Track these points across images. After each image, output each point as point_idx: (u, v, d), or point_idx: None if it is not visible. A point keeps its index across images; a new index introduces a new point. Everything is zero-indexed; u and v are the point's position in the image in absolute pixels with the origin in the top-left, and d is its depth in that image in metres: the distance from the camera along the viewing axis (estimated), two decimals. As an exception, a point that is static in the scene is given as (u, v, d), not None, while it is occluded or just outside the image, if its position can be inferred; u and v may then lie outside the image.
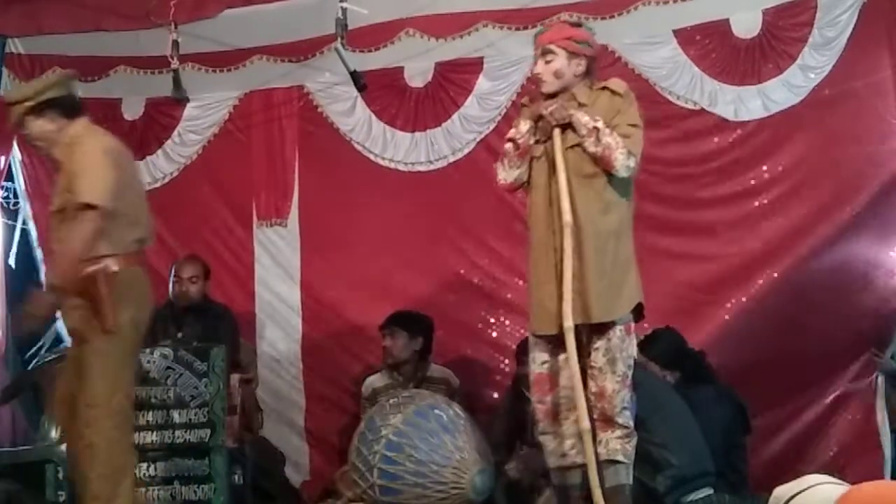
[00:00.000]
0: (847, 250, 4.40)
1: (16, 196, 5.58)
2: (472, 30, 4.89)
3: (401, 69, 5.02)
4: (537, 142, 3.14)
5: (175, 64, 4.72)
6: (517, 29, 4.83)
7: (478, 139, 4.93)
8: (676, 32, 4.69)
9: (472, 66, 4.94)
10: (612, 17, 4.73)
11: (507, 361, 4.59)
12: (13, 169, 5.50)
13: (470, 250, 4.95)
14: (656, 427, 3.48)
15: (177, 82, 4.78)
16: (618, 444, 3.03)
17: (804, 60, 4.49)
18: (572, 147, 3.06)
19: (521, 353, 4.22)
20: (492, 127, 4.90)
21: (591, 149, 3.01)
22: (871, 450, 4.26)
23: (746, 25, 4.59)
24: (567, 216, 2.98)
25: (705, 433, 3.66)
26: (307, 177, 5.21)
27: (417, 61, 5.00)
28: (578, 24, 3.32)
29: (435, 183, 4.99)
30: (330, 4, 4.60)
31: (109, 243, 3.14)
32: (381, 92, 5.01)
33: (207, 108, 5.33)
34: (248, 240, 5.22)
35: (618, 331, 3.05)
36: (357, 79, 4.56)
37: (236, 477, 4.11)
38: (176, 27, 4.73)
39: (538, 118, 3.13)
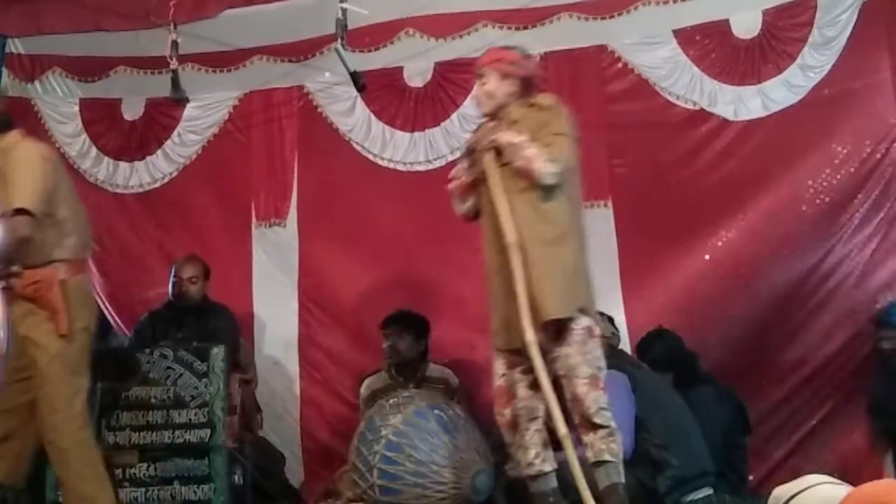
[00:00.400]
0: (847, 250, 4.40)
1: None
2: (472, 30, 4.89)
3: (400, 69, 5.02)
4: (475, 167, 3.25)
5: (174, 64, 4.71)
6: (517, 29, 4.84)
7: (477, 139, 4.93)
8: (676, 32, 4.69)
9: (472, 66, 4.89)
10: (612, 17, 4.74)
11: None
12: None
13: (469, 250, 4.94)
14: (656, 427, 3.49)
15: (175, 83, 4.78)
16: (602, 445, 3.06)
17: (804, 60, 4.50)
18: (505, 165, 3.15)
19: (521, 352, 4.23)
20: (490, 127, 4.90)
21: (516, 164, 3.10)
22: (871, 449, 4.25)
23: (746, 25, 4.60)
24: (510, 237, 3.06)
25: (705, 433, 3.66)
26: (306, 177, 5.21)
27: (417, 61, 5.00)
28: (511, 48, 3.44)
29: (434, 183, 4.98)
30: (330, 4, 4.60)
31: (61, 249, 3.16)
32: (381, 92, 5.01)
33: (207, 108, 5.33)
34: (246, 240, 5.21)
35: (576, 335, 3.09)
36: (357, 79, 4.56)
37: (236, 477, 4.11)
38: (175, 27, 4.73)
39: (471, 150, 3.26)
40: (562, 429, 2.97)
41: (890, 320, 4.19)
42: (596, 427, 3.05)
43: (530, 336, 2.99)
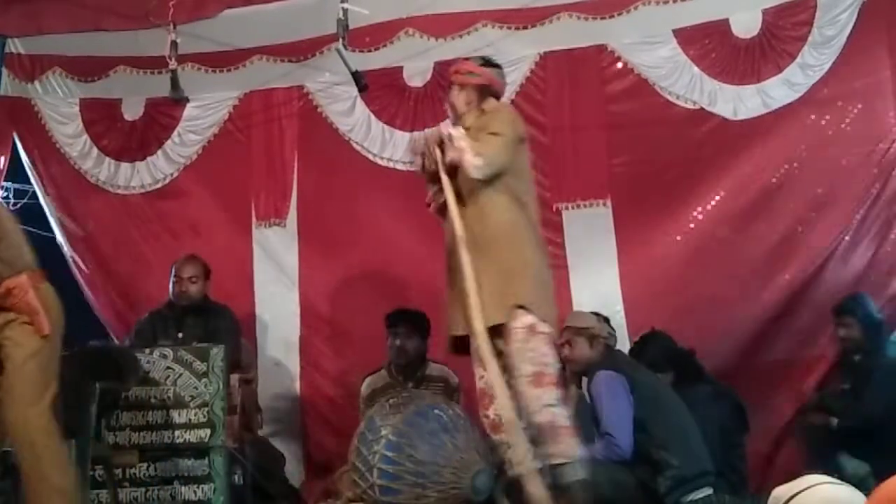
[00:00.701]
0: (848, 250, 4.40)
1: (15, 196, 5.58)
2: (472, 30, 4.90)
3: (400, 69, 5.02)
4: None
5: (173, 65, 4.71)
6: (517, 29, 4.85)
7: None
8: (676, 32, 4.70)
9: (471, 66, 4.93)
10: (612, 16, 4.74)
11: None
12: (25, 167, 5.50)
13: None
14: (655, 428, 3.49)
15: (175, 83, 4.78)
16: (552, 448, 3.09)
17: (804, 59, 4.51)
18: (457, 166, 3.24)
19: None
20: (490, 126, 4.90)
21: (449, 156, 3.19)
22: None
23: (746, 25, 4.61)
24: (458, 231, 3.16)
25: (704, 433, 3.66)
26: (306, 177, 5.21)
27: (417, 61, 5.01)
28: (473, 58, 3.59)
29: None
30: (329, 4, 4.60)
31: (21, 259, 3.17)
32: (381, 92, 5.01)
33: (207, 108, 5.33)
34: (246, 240, 5.21)
35: (517, 333, 3.11)
36: (358, 79, 4.56)
37: (236, 477, 4.11)
38: (175, 27, 4.73)
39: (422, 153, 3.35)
40: (507, 414, 3.02)
41: (845, 309, 4.20)
42: (540, 427, 3.08)
43: (479, 326, 3.06)
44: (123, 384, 4.00)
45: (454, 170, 3.23)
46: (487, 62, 3.51)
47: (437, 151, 3.24)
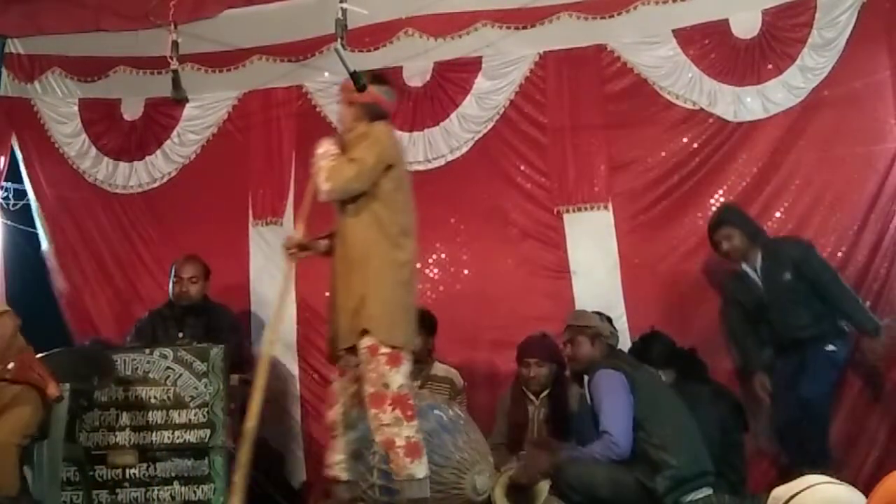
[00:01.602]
0: (847, 250, 4.40)
1: (16, 196, 5.58)
2: (471, 29, 4.89)
3: (399, 69, 5.02)
4: None
5: (174, 65, 4.71)
6: (516, 28, 4.84)
7: (476, 138, 4.93)
8: (676, 32, 4.70)
9: (471, 66, 4.94)
10: (612, 16, 4.74)
11: (505, 361, 4.58)
12: (19, 168, 5.50)
13: (467, 250, 4.95)
14: (655, 427, 3.49)
15: (176, 83, 4.78)
16: (385, 465, 3.24)
17: (804, 61, 4.50)
18: None
19: (522, 353, 4.24)
20: (490, 126, 4.90)
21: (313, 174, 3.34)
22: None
23: (746, 26, 4.60)
24: (296, 236, 3.42)
25: (703, 433, 3.66)
26: (304, 176, 5.19)
27: (416, 61, 5.00)
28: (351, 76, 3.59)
29: (433, 182, 4.99)
30: (328, 4, 4.60)
31: None
32: (380, 92, 5.00)
33: (207, 108, 5.32)
34: (244, 239, 5.21)
35: (361, 355, 3.22)
36: (357, 79, 4.55)
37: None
38: (175, 27, 4.73)
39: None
40: (249, 421, 3.16)
41: (721, 220, 4.23)
42: (378, 445, 3.23)
43: (269, 352, 3.35)
44: (98, 384, 4.01)
45: None
46: (378, 79, 3.53)
47: (313, 170, 3.36)
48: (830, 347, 3.99)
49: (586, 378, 3.76)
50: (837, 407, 4.29)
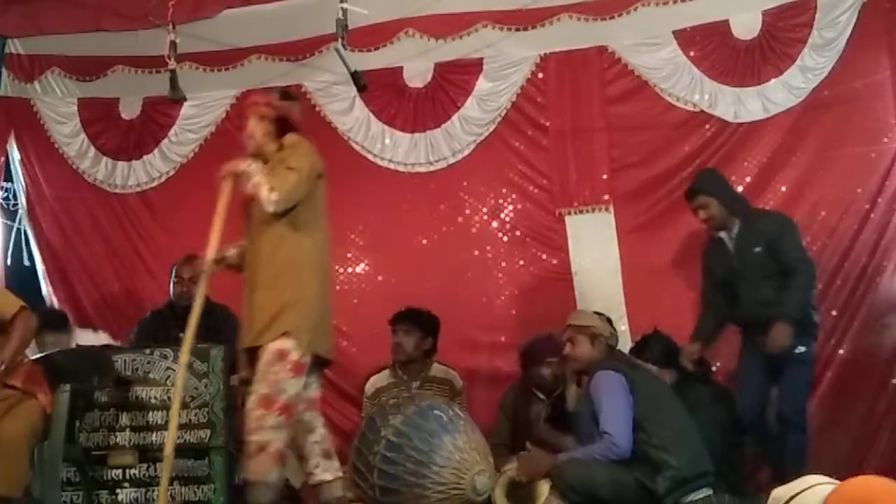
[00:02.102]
0: (847, 250, 4.40)
1: (15, 196, 5.58)
2: (472, 30, 4.90)
3: (400, 69, 5.02)
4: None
5: (172, 65, 4.71)
6: (517, 30, 4.85)
7: (478, 141, 4.93)
8: (676, 33, 4.71)
9: (472, 67, 4.94)
10: (612, 17, 4.75)
11: (506, 362, 4.59)
12: (12, 169, 5.51)
13: (468, 251, 4.95)
14: (655, 428, 3.48)
15: (174, 83, 4.78)
16: (246, 461, 3.25)
17: (804, 61, 4.51)
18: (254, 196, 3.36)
19: (539, 353, 4.23)
20: (492, 129, 4.91)
21: (248, 191, 3.33)
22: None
23: (746, 26, 4.61)
24: (210, 255, 3.41)
25: (704, 433, 3.66)
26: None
27: (417, 61, 5.00)
28: (268, 91, 3.72)
29: (435, 184, 5.00)
30: (327, 4, 4.59)
31: None
32: (380, 92, 5.01)
33: (205, 107, 5.33)
34: (243, 239, 5.19)
35: (266, 356, 3.27)
36: (357, 79, 4.56)
37: (236, 477, 4.10)
38: (174, 27, 4.73)
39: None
40: (167, 448, 3.24)
41: (696, 189, 4.11)
42: (248, 442, 3.24)
43: (184, 359, 3.37)
44: (96, 385, 4.01)
45: (252, 198, 3.35)
46: (286, 95, 3.62)
47: (226, 183, 3.37)
48: (800, 349, 3.86)
49: (586, 379, 3.76)
50: (837, 408, 4.32)
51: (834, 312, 4.38)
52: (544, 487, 3.68)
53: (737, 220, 4.06)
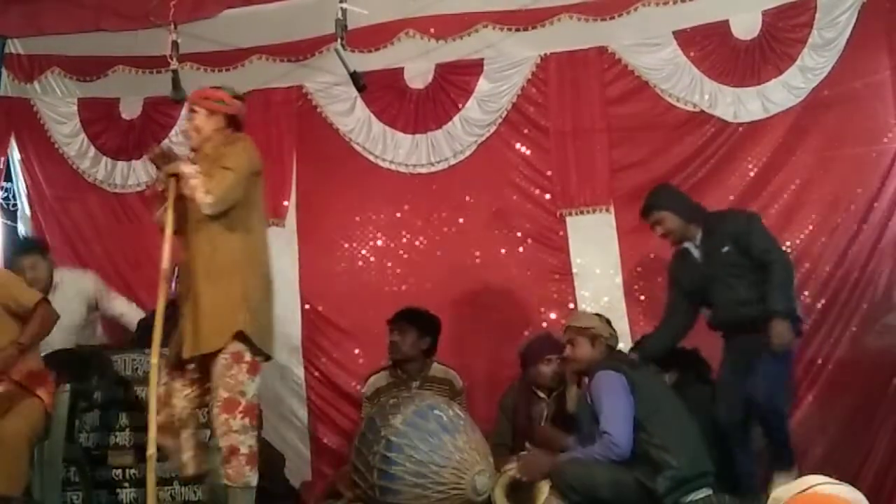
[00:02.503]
0: (846, 250, 4.40)
1: (15, 196, 5.58)
2: (473, 31, 4.90)
3: (401, 70, 5.02)
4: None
5: (174, 65, 4.71)
6: (517, 30, 4.85)
7: (479, 141, 4.94)
8: (676, 34, 4.70)
9: (473, 68, 4.94)
10: (612, 18, 4.74)
11: (506, 362, 4.59)
12: (12, 169, 5.51)
13: (470, 252, 4.95)
14: (655, 428, 3.49)
15: (176, 83, 4.77)
16: (221, 468, 3.28)
17: (804, 62, 4.50)
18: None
19: (540, 351, 4.24)
20: (493, 130, 4.91)
21: (185, 193, 3.32)
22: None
23: (746, 27, 4.61)
24: (164, 263, 3.33)
25: (704, 433, 3.66)
26: (305, 176, 5.21)
27: (417, 62, 5.00)
28: (219, 87, 3.64)
29: (437, 185, 5.00)
30: (329, 4, 4.59)
31: None
32: (381, 93, 5.00)
33: (205, 107, 5.32)
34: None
35: (221, 360, 3.29)
36: (357, 80, 4.55)
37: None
38: (175, 27, 4.73)
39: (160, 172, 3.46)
40: (150, 449, 3.22)
41: (651, 205, 4.02)
42: (219, 448, 3.28)
43: (154, 360, 3.30)
44: (96, 385, 4.01)
45: (188, 198, 3.34)
46: (236, 95, 3.61)
47: (171, 183, 3.35)
48: None
49: (586, 379, 3.77)
50: (836, 408, 4.31)
51: (834, 312, 4.38)
52: (544, 487, 3.68)
53: (698, 228, 3.98)
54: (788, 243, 4.44)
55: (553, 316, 4.70)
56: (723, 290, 3.87)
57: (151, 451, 3.23)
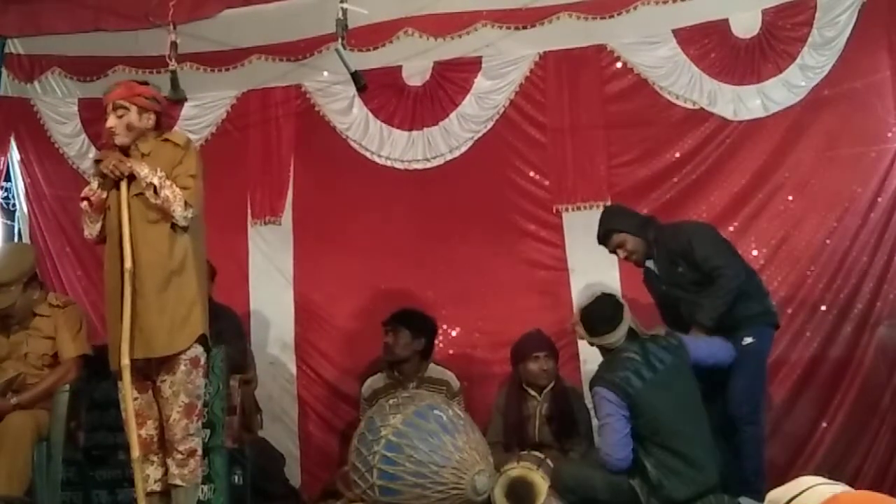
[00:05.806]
0: (846, 250, 4.39)
1: (15, 197, 5.59)
2: (471, 29, 4.90)
3: (399, 68, 5.02)
4: (109, 193, 3.38)
5: (173, 65, 4.71)
6: (516, 28, 4.85)
7: (475, 138, 4.93)
8: (676, 32, 4.70)
9: (471, 66, 4.94)
10: (612, 16, 4.74)
11: (502, 360, 4.58)
12: (12, 169, 5.52)
13: (466, 248, 4.95)
14: (652, 448, 3.48)
15: (175, 83, 4.77)
16: (175, 470, 3.31)
17: (804, 60, 4.50)
18: (138, 195, 3.30)
19: (528, 348, 4.23)
20: (489, 126, 4.91)
21: (152, 201, 3.27)
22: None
23: (746, 25, 4.61)
24: (128, 262, 3.24)
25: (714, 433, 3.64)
26: (302, 175, 5.21)
27: (416, 60, 5.00)
28: (146, 83, 3.57)
29: (432, 181, 5.00)
30: (327, 4, 4.59)
31: None
32: (380, 91, 5.00)
33: (205, 107, 5.33)
34: (242, 238, 5.20)
35: (182, 365, 3.31)
36: (358, 79, 4.55)
37: (236, 477, 4.10)
38: (175, 28, 4.73)
39: (102, 174, 3.39)
40: (135, 452, 3.22)
41: (605, 230, 3.99)
42: (175, 452, 3.31)
43: (126, 361, 3.21)
44: (97, 385, 4.01)
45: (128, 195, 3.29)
46: (157, 90, 3.57)
47: (123, 185, 3.29)
48: (747, 340, 3.74)
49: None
50: (835, 408, 4.31)
51: (834, 312, 4.37)
52: (544, 487, 3.69)
53: (654, 245, 3.98)
54: (787, 243, 4.45)
55: (548, 312, 4.68)
56: (691, 305, 3.86)
57: (136, 454, 3.23)
